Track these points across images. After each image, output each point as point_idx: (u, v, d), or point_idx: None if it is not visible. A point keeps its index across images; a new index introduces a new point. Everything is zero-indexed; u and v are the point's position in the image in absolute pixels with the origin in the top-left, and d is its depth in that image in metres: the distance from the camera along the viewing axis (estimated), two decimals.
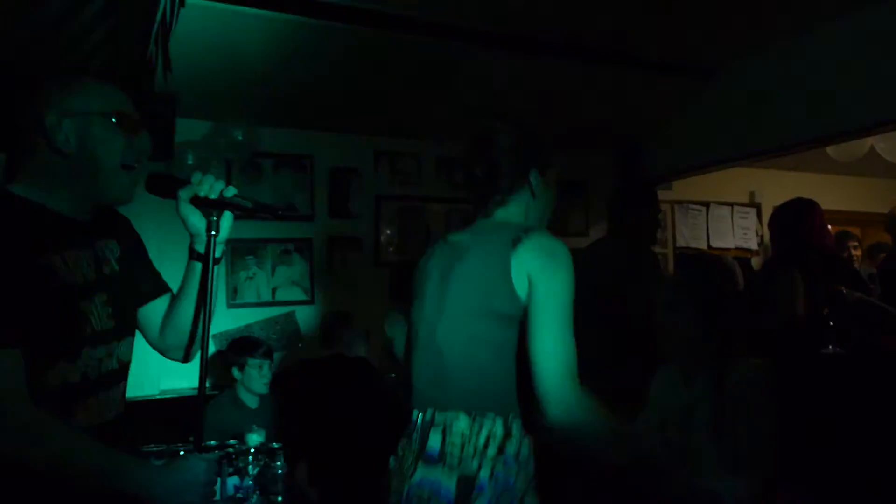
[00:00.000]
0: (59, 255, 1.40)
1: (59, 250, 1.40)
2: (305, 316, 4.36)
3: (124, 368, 1.56)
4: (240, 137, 3.98)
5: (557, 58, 3.64)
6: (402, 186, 4.68)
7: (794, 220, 3.48)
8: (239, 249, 4.17)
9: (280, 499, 2.53)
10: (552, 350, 1.45)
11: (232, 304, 4.16)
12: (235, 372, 3.30)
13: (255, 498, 2.50)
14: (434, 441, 1.53)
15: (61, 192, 1.44)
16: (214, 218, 1.51)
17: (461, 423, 1.52)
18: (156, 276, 1.72)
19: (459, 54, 3.54)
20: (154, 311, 1.68)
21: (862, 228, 6.34)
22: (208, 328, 1.51)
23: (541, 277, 1.50)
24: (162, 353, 1.72)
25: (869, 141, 4.43)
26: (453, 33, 3.33)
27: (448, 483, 1.48)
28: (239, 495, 2.57)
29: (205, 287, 1.53)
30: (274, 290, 4.29)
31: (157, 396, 3.82)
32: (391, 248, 4.63)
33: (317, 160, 4.44)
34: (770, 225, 3.70)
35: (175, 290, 1.69)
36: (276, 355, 3.64)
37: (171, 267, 1.79)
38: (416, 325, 1.69)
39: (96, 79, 1.50)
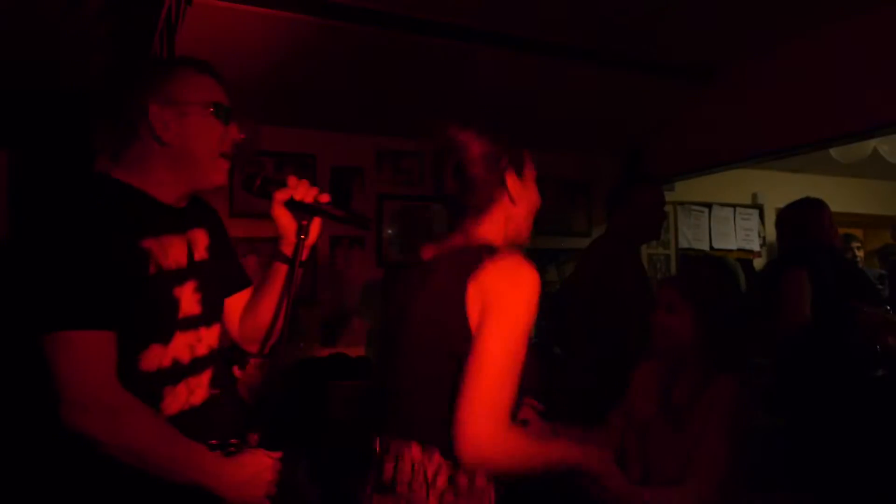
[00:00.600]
0: (157, 240, 1.43)
1: (156, 235, 1.43)
2: (307, 315, 4.36)
3: (213, 355, 1.58)
4: (241, 135, 3.96)
5: (562, 58, 3.64)
6: (405, 186, 4.68)
7: (802, 219, 3.44)
8: (239, 248, 4.14)
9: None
10: (480, 392, 1.34)
11: None
12: (236, 370, 3.29)
13: None
14: (387, 470, 1.48)
15: (159, 179, 1.47)
16: (306, 223, 1.55)
17: (412, 452, 1.45)
18: (241, 268, 1.76)
19: (463, 54, 3.53)
20: (237, 302, 1.72)
21: (864, 230, 6.34)
22: (287, 326, 1.54)
23: (494, 310, 1.38)
24: (239, 343, 1.76)
25: (872, 143, 4.43)
26: (457, 33, 3.32)
27: None
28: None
29: (288, 286, 1.55)
30: None
31: None
32: (393, 248, 4.63)
33: (319, 159, 4.44)
34: (777, 224, 3.66)
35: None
36: None
37: None
38: (379, 348, 1.68)
39: (197, 70, 1.54)
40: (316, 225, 1.60)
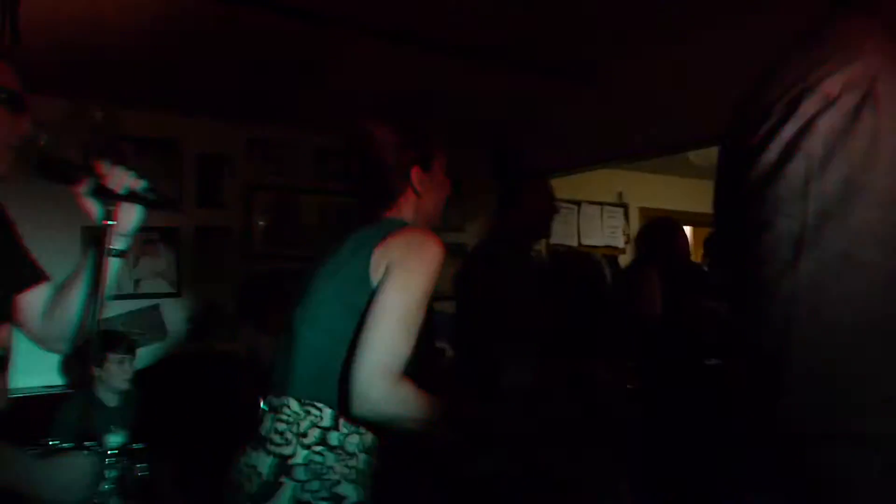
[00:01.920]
0: None
1: None
2: (171, 309, 4.15)
3: (5, 357, 1.47)
4: (99, 119, 3.74)
5: (436, 53, 3.63)
6: (276, 176, 4.54)
7: (659, 239, 3.83)
8: (97, 238, 3.90)
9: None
10: (374, 342, 1.43)
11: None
12: (94, 368, 3.08)
13: (113, 502, 2.35)
14: (266, 425, 1.55)
15: None
16: (112, 207, 1.45)
17: (292, 408, 1.53)
18: (31, 263, 1.62)
19: (338, 43, 3.46)
20: (34, 298, 1.58)
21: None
22: (99, 321, 1.45)
23: (396, 268, 1.48)
24: (40, 343, 1.62)
25: None
26: (330, 21, 3.25)
27: (266, 462, 1.49)
28: (96, 501, 2.41)
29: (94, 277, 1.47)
30: (137, 283, 4.06)
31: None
32: (264, 240, 4.49)
33: (184, 145, 4.24)
34: (637, 240, 4.06)
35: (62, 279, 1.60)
36: (139, 351, 3.44)
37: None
38: (288, 319, 1.68)
39: None
40: (136, 212, 1.51)
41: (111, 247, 1.48)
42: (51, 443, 1.40)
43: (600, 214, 6.01)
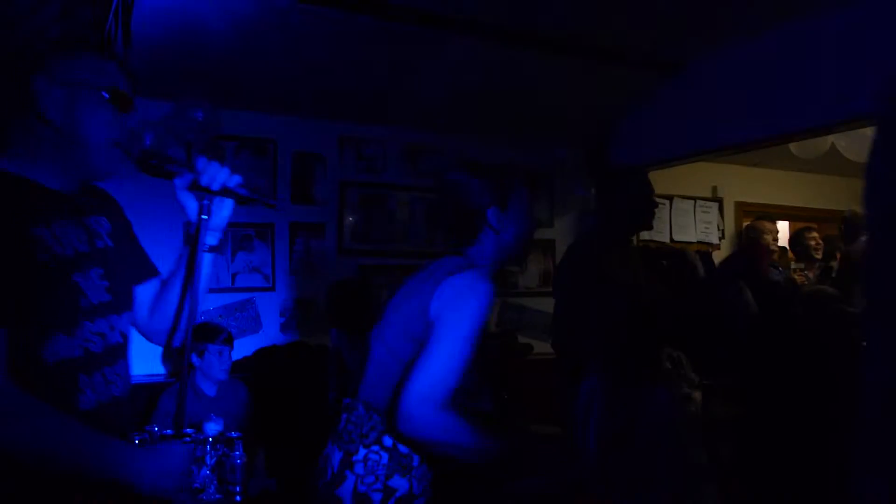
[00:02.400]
0: (47, 228, 1.36)
1: (46, 222, 1.36)
2: (265, 303, 4.29)
3: (127, 343, 1.53)
4: (200, 119, 3.88)
5: (527, 48, 3.62)
6: (367, 173, 4.62)
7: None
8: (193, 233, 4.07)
9: (238, 489, 2.48)
10: (423, 371, 1.59)
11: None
12: (194, 358, 3.22)
13: (212, 488, 2.45)
14: (341, 422, 1.79)
15: (47, 165, 1.41)
16: (207, 202, 1.50)
17: (359, 411, 1.76)
18: (146, 257, 1.70)
19: (430, 40, 3.49)
20: (146, 292, 1.66)
21: (819, 224, 6.45)
22: (193, 316, 1.48)
23: (446, 309, 1.67)
24: (147, 336, 1.70)
25: (830, 139, 4.49)
26: (422, 18, 3.28)
27: (337, 457, 1.74)
28: (196, 486, 2.52)
29: (190, 271, 1.51)
30: (234, 277, 4.21)
31: None
32: (354, 236, 4.58)
33: (280, 144, 4.36)
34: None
35: (165, 274, 1.67)
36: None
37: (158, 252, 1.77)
38: (369, 333, 1.90)
39: (97, 53, 1.48)
40: (225, 207, 1.55)
41: (204, 241, 1.51)
42: (152, 431, 1.46)
43: (693, 209, 5.84)
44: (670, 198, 5.73)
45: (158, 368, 3.91)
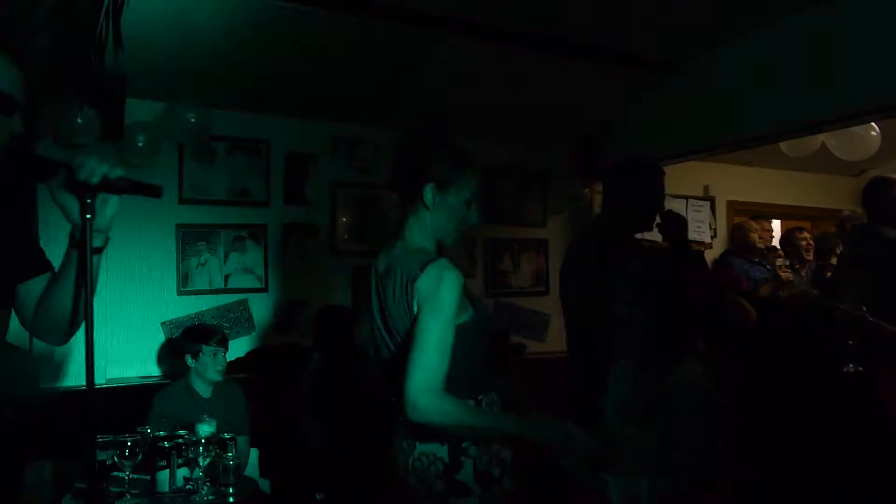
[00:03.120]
0: None
1: None
2: (259, 304, 4.29)
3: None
4: (193, 120, 3.88)
5: (521, 48, 3.62)
6: (361, 174, 4.62)
7: None
8: (190, 235, 4.08)
9: (231, 490, 2.47)
10: (419, 361, 1.69)
11: (183, 291, 4.04)
12: (189, 360, 3.21)
13: (205, 489, 2.44)
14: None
15: None
16: (89, 200, 1.36)
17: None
18: (39, 252, 1.61)
19: (423, 41, 3.49)
20: (33, 288, 1.57)
21: (812, 223, 6.48)
22: (91, 318, 1.34)
23: (427, 301, 1.74)
24: (33, 333, 1.62)
25: (820, 138, 4.51)
26: (415, 18, 3.28)
27: (443, 450, 1.78)
28: (188, 487, 2.51)
29: (83, 273, 1.38)
30: (227, 278, 4.21)
31: (104, 385, 3.71)
32: (347, 236, 4.58)
33: (272, 145, 4.36)
34: None
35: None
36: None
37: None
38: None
39: None
40: (110, 206, 1.45)
41: (90, 243, 1.36)
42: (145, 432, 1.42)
43: (685, 208, 5.85)
44: None
45: (153, 370, 3.90)
